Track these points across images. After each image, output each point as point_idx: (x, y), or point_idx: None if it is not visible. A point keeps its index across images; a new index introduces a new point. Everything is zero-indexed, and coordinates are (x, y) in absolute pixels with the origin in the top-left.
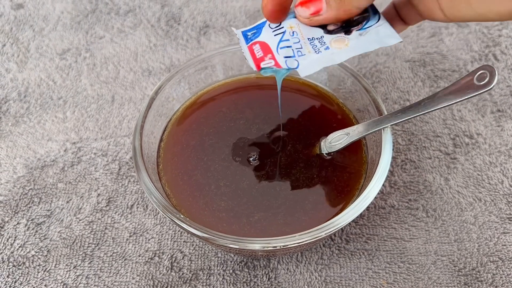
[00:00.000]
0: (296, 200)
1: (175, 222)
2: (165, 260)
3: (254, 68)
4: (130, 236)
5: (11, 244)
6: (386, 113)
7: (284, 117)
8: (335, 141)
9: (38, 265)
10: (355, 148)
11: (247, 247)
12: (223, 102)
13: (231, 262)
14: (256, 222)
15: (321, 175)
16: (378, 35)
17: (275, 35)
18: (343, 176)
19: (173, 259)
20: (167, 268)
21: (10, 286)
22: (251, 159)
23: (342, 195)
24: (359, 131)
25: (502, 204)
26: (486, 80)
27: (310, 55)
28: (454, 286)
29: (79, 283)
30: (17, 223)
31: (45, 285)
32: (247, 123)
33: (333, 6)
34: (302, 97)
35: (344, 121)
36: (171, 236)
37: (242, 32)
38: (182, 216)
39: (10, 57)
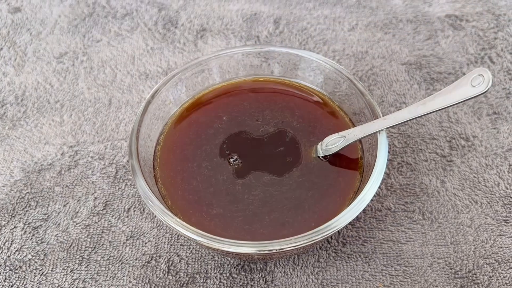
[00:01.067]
0: (273, 207)
1: (171, 226)
2: (162, 264)
3: None
4: (127, 240)
5: (8, 248)
6: (381, 116)
7: (279, 119)
8: (331, 144)
9: (35, 269)
10: (351, 151)
11: (242, 251)
12: (220, 105)
13: (228, 265)
14: (214, 217)
15: (316, 178)
16: None
17: None
18: (338, 179)
19: (170, 262)
20: (164, 272)
21: None
22: (231, 160)
23: (338, 197)
24: (355, 134)
25: (498, 206)
26: (481, 83)
27: None
28: None
29: (76, 287)
30: (14, 227)
31: None
32: (243, 125)
33: None
34: (298, 100)
35: (341, 124)
36: (168, 239)
37: None
38: (178, 220)
39: (7, 60)
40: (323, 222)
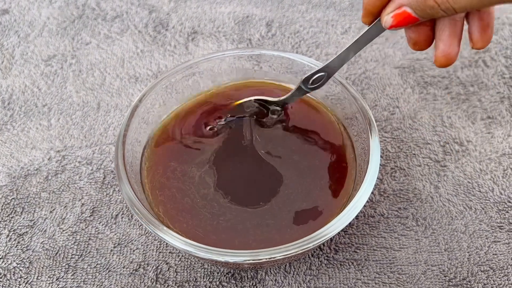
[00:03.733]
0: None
1: (157, 234)
2: (150, 272)
3: None
4: (114, 247)
5: None
6: (374, 121)
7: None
8: (315, 83)
9: (20, 277)
10: (343, 156)
11: (232, 260)
12: (211, 110)
13: (217, 273)
14: (203, 224)
15: (308, 184)
16: None
17: None
18: (331, 184)
19: (158, 270)
20: (152, 280)
21: None
22: (221, 167)
23: (331, 204)
24: (333, 67)
25: (493, 212)
26: None
27: None
28: None
29: None
30: None
31: None
32: (234, 129)
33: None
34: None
35: (333, 130)
36: (157, 247)
37: None
38: (164, 228)
39: None
40: (315, 229)
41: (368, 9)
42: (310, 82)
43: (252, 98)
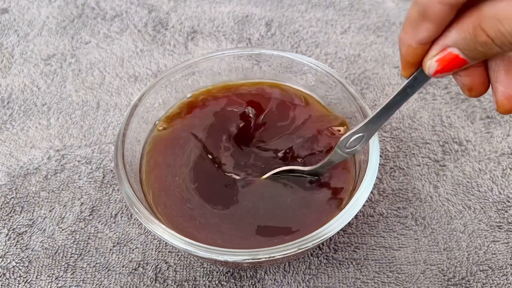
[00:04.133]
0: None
1: (157, 234)
2: (149, 271)
3: None
4: (113, 246)
5: None
6: None
7: (268, 126)
8: (352, 146)
9: (19, 276)
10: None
11: (231, 259)
12: (209, 108)
13: (217, 272)
14: (203, 223)
15: (308, 183)
16: None
17: None
18: (331, 185)
19: (158, 269)
20: (151, 279)
21: None
22: (222, 165)
23: (331, 204)
24: (372, 127)
25: (492, 212)
26: None
27: None
28: None
29: None
30: None
31: None
32: (234, 128)
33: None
34: (288, 105)
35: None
36: (156, 246)
37: None
38: (164, 227)
39: None
40: (314, 228)
41: (407, 59)
42: (347, 145)
43: (283, 168)
